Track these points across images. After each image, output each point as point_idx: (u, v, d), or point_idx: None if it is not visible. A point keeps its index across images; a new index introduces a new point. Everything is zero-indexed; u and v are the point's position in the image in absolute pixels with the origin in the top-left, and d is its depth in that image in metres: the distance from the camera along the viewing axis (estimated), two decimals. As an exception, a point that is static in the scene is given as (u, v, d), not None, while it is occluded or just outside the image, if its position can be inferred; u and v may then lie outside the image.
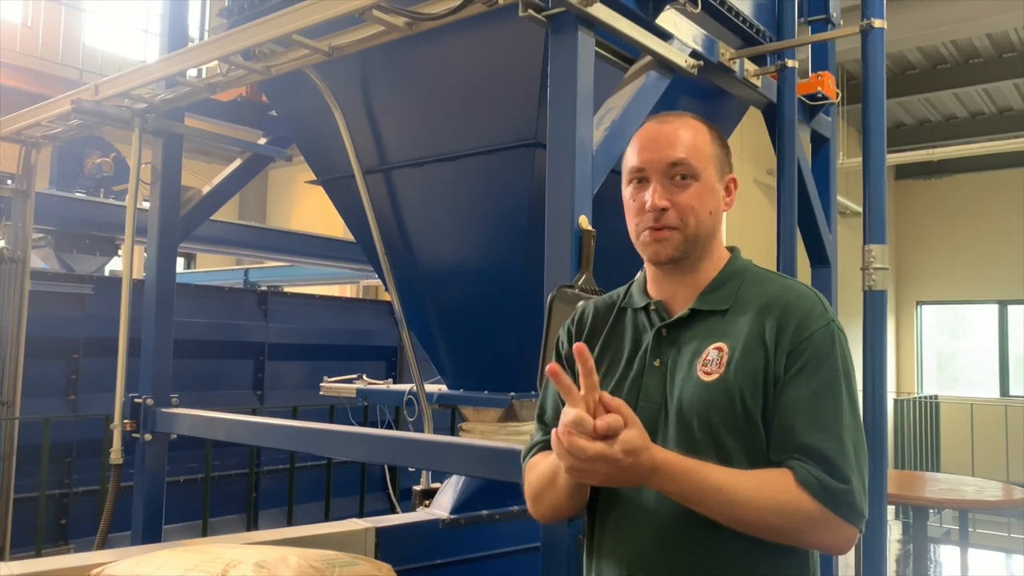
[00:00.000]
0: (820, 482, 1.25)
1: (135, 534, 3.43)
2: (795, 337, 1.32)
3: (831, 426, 1.28)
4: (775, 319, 1.35)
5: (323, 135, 3.21)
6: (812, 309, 1.36)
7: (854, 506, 1.26)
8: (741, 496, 1.24)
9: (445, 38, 2.63)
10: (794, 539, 1.30)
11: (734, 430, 1.31)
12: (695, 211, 1.40)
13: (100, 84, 3.34)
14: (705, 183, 1.42)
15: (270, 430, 3.13)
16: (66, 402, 4.70)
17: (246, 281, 8.54)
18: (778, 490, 1.26)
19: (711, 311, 1.40)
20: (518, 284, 2.85)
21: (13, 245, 4.23)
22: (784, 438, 1.30)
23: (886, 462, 2.70)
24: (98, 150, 6.23)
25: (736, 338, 1.35)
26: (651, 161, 1.41)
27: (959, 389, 13.55)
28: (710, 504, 1.26)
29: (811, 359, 1.31)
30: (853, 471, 1.27)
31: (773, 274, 1.48)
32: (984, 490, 4.22)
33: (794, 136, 3.09)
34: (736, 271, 1.45)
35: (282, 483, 5.40)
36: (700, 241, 1.42)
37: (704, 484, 1.25)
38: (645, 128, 1.47)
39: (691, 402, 1.34)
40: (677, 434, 1.35)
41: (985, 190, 12.98)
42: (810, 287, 1.43)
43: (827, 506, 1.25)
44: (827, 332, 1.34)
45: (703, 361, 1.36)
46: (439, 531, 2.93)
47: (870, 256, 2.77)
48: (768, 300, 1.38)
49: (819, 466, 1.26)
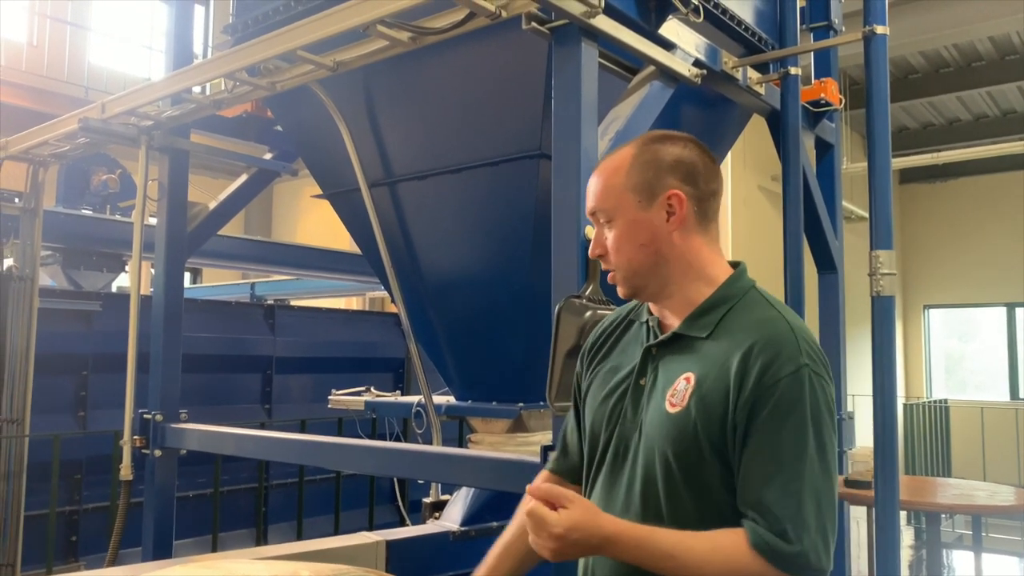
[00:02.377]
0: (771, 545, 1.24)
1: (145, 550, 3.43)
2: (760, 382, 1.27)
3: (790, 483, 1.25)
4: (743, 357, 1.30)
5: (328, 149, 3.23)
6: (783, 351, 1.29)
7: (806, 567, 1.24)
8: (693, 561, 1.26)
9: (449, 52, 2.64)
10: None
11: (684, 465, 1.32)
12: (621, 251, 1.42)
13: (107, 103, 3.36)
14: (626, 219, 1.41)
15: (279, 444, 3.13)
16: (75, 419, 4.71)
17: (253, 295, 8.57)
18: (731, 554, 1.26)
19: (692, 336, 1.39)
20: (525, 295, 2.85)
21: (22, 263, 4.25)
22: (744, 490, 1.29)
23: (897, 468, 2.69)
24: (104, 167, 6.27)
25: (706, 369, 1.34)
26: (588, 213, 1.49)
27: (968, 393, 13.46)
28: (666, 570, 1.27)
29: (776, 408, 1.27)
30: (808, 531, 1.24)
31: (765, 302, 1.40)
32: (996, 494, 4.19)
33: (798, 142, 3.09)
34: (729, 294, 1.40)
35: (291, 497, 5.40)
36: (642, 275, 1.42)
37: (655, 551, 1.27)
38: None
39: (654, 430, 1.37)
40: (644, 458, 1.38)
41: (990, 193, 12.93)
42: (795, 323, 1.35)
43: (778, 568, 1.24)
44: (796, 378, 1.28)
45: (672, 391, 1.36)
46: (450, 543, 2.92)
47: (877, 262, 2.76)
48: (743, 334, 1.33)
49: (771, 527, 1.25)
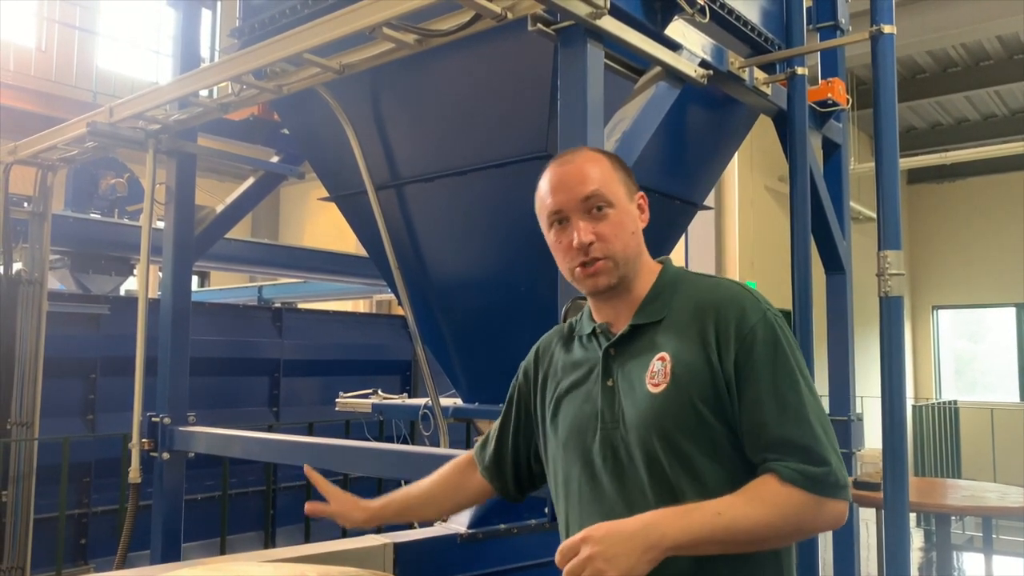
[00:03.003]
0: (802, 474, 1.29)
1: (154, 553, 3.44)
2: (737, 335, 1.36)
3: (798, 413, 1.33)
4: (712, 320, 1.39)
5: (335, 152, 3.23)
6: (744, 304, 1.40)
7: (838, 483, 1.30)
8: (739, 515, 1.27)
9: (455, 54, 2.64)
10: (799, 536, 1.34)
11: (691, 436, 1.35)
12: (619, 237, 1.45)
13: (114, 107, 3.37)
14: (620, 208, 1.47)
15: (286, 447, 3.13)
16: (84, 422, 4.73)
17: (260, 298, 8.58)
18: (769, 497, 1.29)
19: (649, 323, 1.45)
20: (531, 297, 2.85)
21: (31, 267, 4.27)
22: (758, 436, 1.33)
23: (907, 470, 2.67)
24: (112, 171, 6.29)
25: (675, 345, 1.40)
26: (566, 200, 1.46)
27: (978, 394, 13.39)
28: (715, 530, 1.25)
29: (761, 353, 1.35)
30: (828, 450, 1.31)
31: (700, 276, 1.52)
32: (1007, 496, 4.16)
33: (805, 143, 3.08)
34: (668, 281, 1.50)
35: (299, 499, 5.40)
36: (630, 263, 1.47)
37: (704, 511, 1.26)
38: (550, 171, 1.52)
39: (645, 415, 1.38)
40: (639, 449, 1.38)
41: (999, 192, 12.87)
42: (737, 282, 1.48)
43: (815, 492, 1.29)
44: (766, 322, 1.38)
45: (650, 374, 1.40)
46: (457, 546, 2.91)
47: (885, 262, 2.75)
48: (699, 302, 1.43)
49: (796, 457, 1.30)
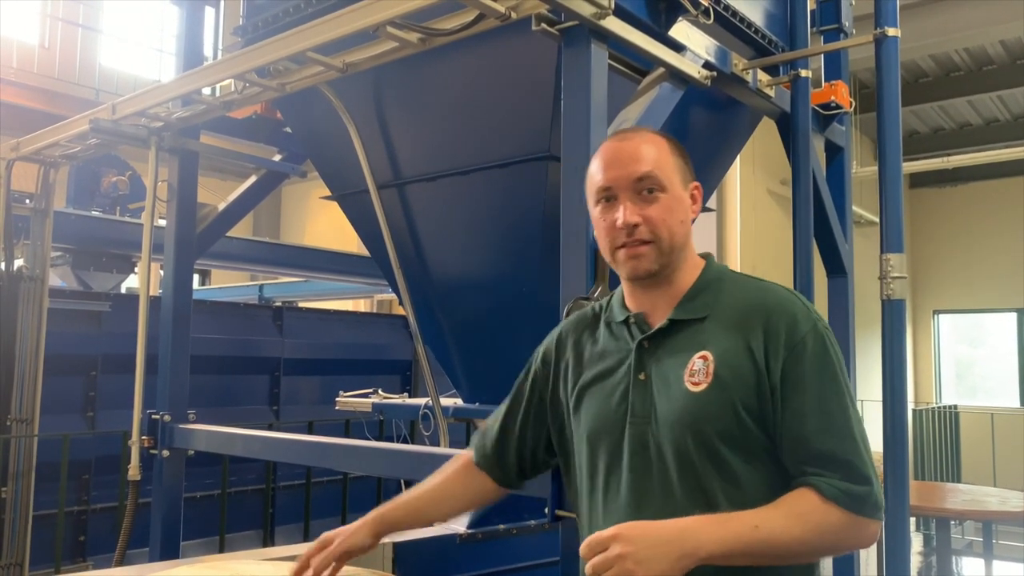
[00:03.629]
0: (845, 492, 1.26)
1: (153, 550, 3.43)
2: (787, 344, 1.32)
3: (843, 429, 1.29)
4: (761, 324, 1.34)
5: (337, 151, 3.23)
6: (796, 312, 1.36)
7: (877, 504, 1.28)
8: (777, 528, 1.24)
9: (458, 53, 2.64)
10: (834, 553, 1.34)
11: (728, 439, 1.31)
12: (666, 223, 1.40)
13: (117, 104, 3.37)
14: (672, 194, 1.42)
15: (286, 445, 3.13)
16: (84, 419, 4.73)
17: (261, 297, 8.59)
18: (810, 514, 1.26)
19: (690, 320, 1.40)
20: (533, 297, 2.84)
21: (32, 263, 4.26)
22: (798, 448, 1.30)
23: (907, 474, 2.67)
24: (114, 168, 6.30)
25: (720, 346, 1.35)
26: (617, 178, 1.41)
27: (978, 398, 13.38)
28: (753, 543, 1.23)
29: (810, 365, 1.32)
30: (870, 469, 1.28)
31: (749, 278, 1.48)
32: (1007, 500, 4.16)
33: (808, 146, 3.07)
34: (712, 278, 1.45)
35: (298, 498, 5.40)
36: (675, 252, 1.42)
37: (742, 522, 1.24)
38: (606, 147, 1.48)
39: (681, 414, 1.34)
40: (670, 447, 1.34)
41: (1001, 197, 12.86)
42: (788, 288, 1.44)
43: (856, 512, 1.26)
44: (816, 334, 1.34)
45: (689, 371, 1.35)
46: (456, 546, 2.91)
47: (888, 265, 2.74)
48: (748, 305, 1.38)
49: (839, 474, 1.26)
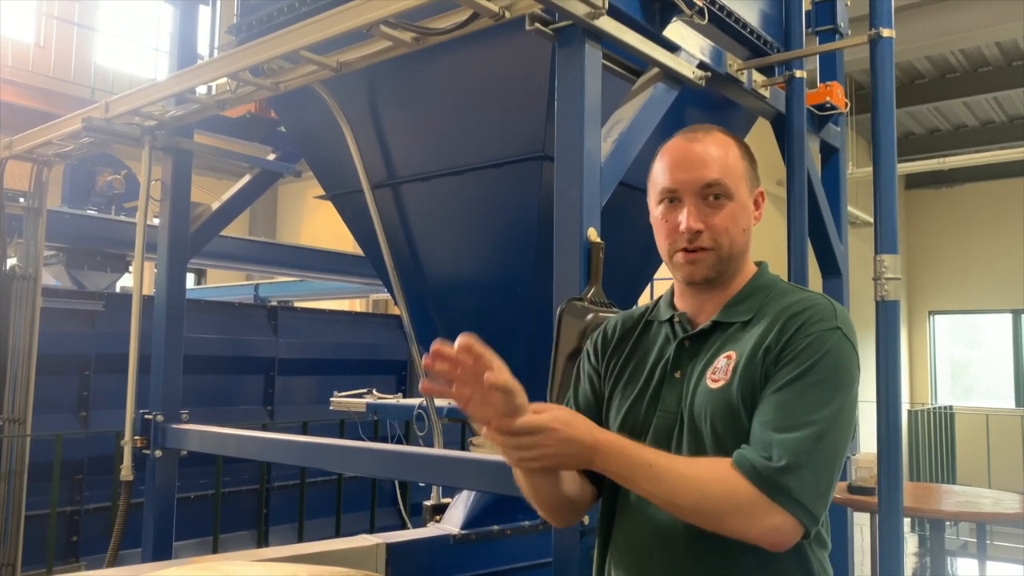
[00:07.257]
0: (753, 463, 1.20)
1: (145, 551, 3.42)
2: (793, 338, 1.29)
3: (799, 426, 1.22)
4: (780, 325, 1.32)
5: (332, 150, 3.22)
6: (820, 315, 1.32)
7: (791, 493, 1.18)
8: (671, 473, 1.23)
9: (452, 53, 2.64)
10: (719, 524, 1.22)
11: (736, 437, 1.30)
12: (729, 232, 1.37)
13: (110, 102, 3.36)
14: (738, 202, 1.39)
15: (280, 446, 3.12)
16: (77, 419, 4.71)
17: (256, 296, 8.58)
18: (708, 468, 1.24)
19: (732, 323, 1.39)
20: (527, 297, 2.84)
21: (25, 262, 4.25)
22: (753, 432, 1.26)
23: (902, 474, 2.67)
24: (109, 167, 6.28)
25: (746, 346, 1.34)
26: (684, 182, 1.37)
27: (974, 400, 13.40)
28: (640, 480, 1.24)
29: (801, 356, 1.27)
30: (804, 460, 1.19)
31: (795, 287, 1.45)
32: (1002, 502, 4.16)
33: (803, 147, 3.07)
34: (762, 284, 1.43)
35: (292, 499, 5.39)
36: (734, 260, 1.40)
37: (637, 460, 1.24)
38: (674, 145, 1.42)
39: (700, 410, 1.34)
40: (690, 442, 1.35)
41: (996, 199, 12.89)
42: (828, 298, 1.39)
43: (759, 488, 1.19)
44: (827, 335, 1.29)
45: (712, 369, 1.35)
46: (450, 547, 2.91)
47: (882, 266, 2.74)
48: (781, 308, 1.36)
49: (760, 450, 1.21)
